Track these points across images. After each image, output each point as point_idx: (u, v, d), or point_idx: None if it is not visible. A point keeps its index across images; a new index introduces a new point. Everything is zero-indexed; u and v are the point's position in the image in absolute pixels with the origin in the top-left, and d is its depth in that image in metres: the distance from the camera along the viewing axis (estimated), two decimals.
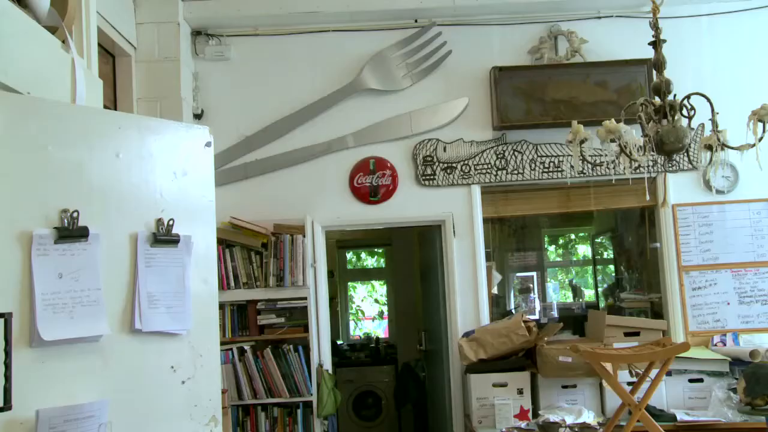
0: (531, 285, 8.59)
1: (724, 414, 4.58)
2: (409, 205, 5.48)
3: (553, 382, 4.86)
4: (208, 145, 2.34)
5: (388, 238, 9.06)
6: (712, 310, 5.30)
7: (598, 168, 5.15)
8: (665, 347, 3.05)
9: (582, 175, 5.38)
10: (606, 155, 3.51)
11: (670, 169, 5.24)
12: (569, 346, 4.22)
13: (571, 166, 5.37)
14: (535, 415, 4.76)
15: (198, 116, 5.40)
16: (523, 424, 4.62)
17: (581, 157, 3.50)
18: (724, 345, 5.14)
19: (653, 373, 3.09)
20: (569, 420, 4.45)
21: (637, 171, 4.20)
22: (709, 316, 5.29)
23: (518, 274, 8.19)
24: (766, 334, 5.26)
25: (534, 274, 8.58)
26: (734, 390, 4.69)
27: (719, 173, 5.19)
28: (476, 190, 5.47)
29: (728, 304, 5.31)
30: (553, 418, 4.47)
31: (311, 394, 5.08)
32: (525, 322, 4.96)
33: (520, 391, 4.83)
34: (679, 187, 5.45)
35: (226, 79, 5.52)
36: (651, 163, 4.51)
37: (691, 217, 5.37)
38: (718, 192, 5.31)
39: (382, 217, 5.50)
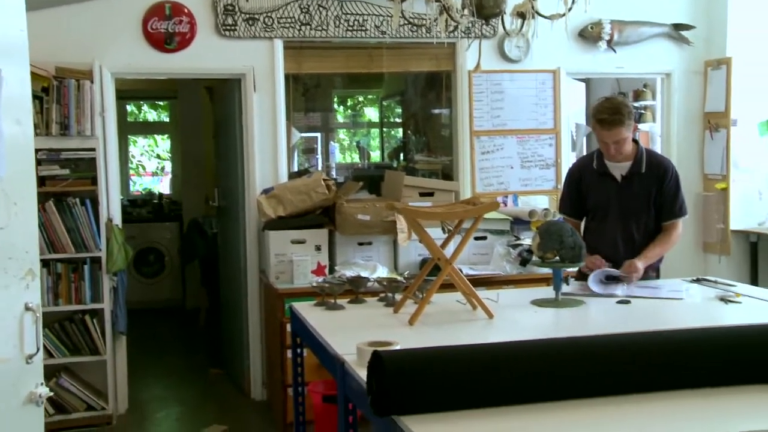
0: (315, 146, 8.66)
1: (503, 267, 5.00)
2: (209, 55, 5.18)
3: (350, 240, 4.99)
4: None
5: (173, 90, 8.61)
6: (498, 173, 5.63)
7: (404, 28, 5.14)
8: (476, 206, 3.21)
9: (386, 36, 5.36)
10: (426, 17, 3.50)
11: (487, 34, 5.36)
12: (386, 204, 4.31)
13: (376, 26, 5.33)
14: (332, 270, 4.89)
15: None
16: (320, 279, 4.72)
17: (401, 17, 3.47)
18: (506, 206, 5.53)
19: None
20: (364, 275, 4.61)
21: (452, 35, 4.24)
22: (494, 179, 5.62)
23: (302, 134, 8.18)
24: (541, 195, 5.70)
25: (319, 134, 8.63)
26: (513, 246, 5.09)
27: (516, 43, 5.38)
28: (279, 45, 5.28)
29: (512, 167, 5.66)
30: (349, 273, 4.59)
31: (100, 250, 4.85)
32: (325, 180, 5.00)
33: (318, 248, 4.91)
34: (472, 54, 5.58)
35: None
36: (467, 27, 4.60)
37: (484, 84, 5.58)
38: (514, 61, 5.54)
39: (179, 67, 5.18)
